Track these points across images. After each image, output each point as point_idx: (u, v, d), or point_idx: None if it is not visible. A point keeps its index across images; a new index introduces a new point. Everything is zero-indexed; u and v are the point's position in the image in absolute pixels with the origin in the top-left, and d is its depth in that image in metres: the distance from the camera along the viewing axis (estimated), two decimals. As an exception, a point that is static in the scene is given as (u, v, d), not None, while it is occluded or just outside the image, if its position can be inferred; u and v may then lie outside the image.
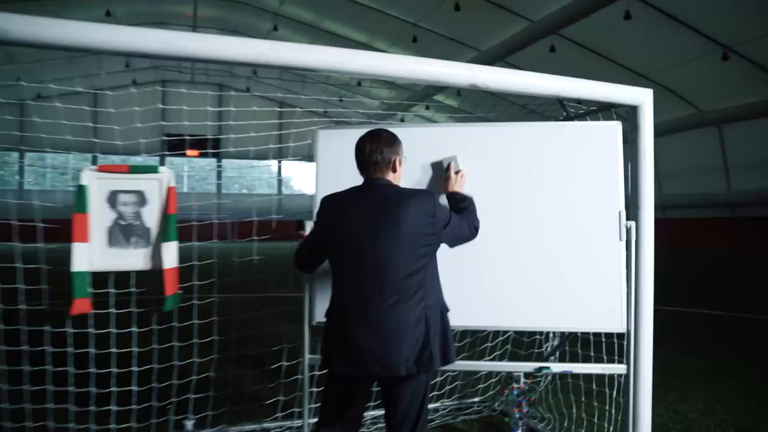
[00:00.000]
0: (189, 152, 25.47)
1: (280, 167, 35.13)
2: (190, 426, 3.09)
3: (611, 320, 2.75)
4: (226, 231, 3.99)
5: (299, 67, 2.40)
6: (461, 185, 2.73)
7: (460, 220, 2.44)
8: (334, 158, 2.95)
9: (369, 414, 3.66)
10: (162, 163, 23.72)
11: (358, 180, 2.41)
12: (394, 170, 2.39)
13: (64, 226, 2.78)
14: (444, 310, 2.35)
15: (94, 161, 31.08)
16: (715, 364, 5.38)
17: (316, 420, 2.42)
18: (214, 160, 30.27)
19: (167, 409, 3.24)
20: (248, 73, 29.65)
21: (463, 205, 2.59)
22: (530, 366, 2.95)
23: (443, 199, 2.72)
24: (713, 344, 6.35)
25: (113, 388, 3.12)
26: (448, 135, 2.97)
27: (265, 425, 3.65)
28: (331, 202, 2.40)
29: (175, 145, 21.68)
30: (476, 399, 4.26)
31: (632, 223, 2.77)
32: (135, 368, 3.15)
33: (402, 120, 29.25)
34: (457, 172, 2.76)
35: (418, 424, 2.28)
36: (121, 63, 27.58)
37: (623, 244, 2.76)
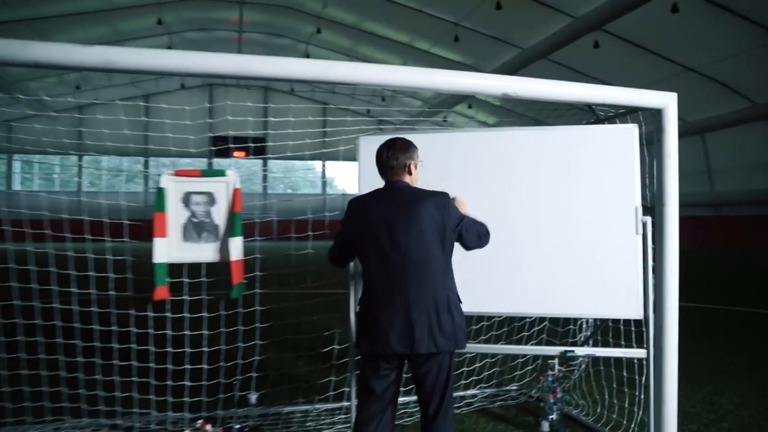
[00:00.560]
0: (236, 154, 26.37)
1: (324, 168, 35.81)
2: (254, 400, 3.51)
3: (629, 308, 3.01)
4: (286, 228, 4.37)
5: (349, 82, 2.76)
6: (463, 210, 2.86)
7: (474, 222, 2.75)
8: (374, 162, 3.29)
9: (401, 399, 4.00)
10: (209, 165, 24.58)
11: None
12: (410, 173, 2.71)
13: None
14: (457, 297, 2.67)
15: (146, 164, 32.58)
16: (754, 361, 5.46)
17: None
18: (260, 160, 31.18)
19: (233, 385, 3.69)
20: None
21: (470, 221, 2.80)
22: (557, 350, 3.22)
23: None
24: (755, 341, 6.40)
25: (187, 366, 3.59)
26: (493, 139, 3.26)
27: (317, 405, 4.05)
28: (356, 204, 2.72)
29: (223, 147, 22.50)
30: (513, 386, 4.54)
31: (648, 218, 3.01)
32: (205, 348, 3.61)
33: (444, 119, 29.43)
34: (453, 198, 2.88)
35: (445, 396, 2.60)
36: (172, 68, 28.77)
37: (639, 237, 3.00)
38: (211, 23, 24.83)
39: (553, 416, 3.81)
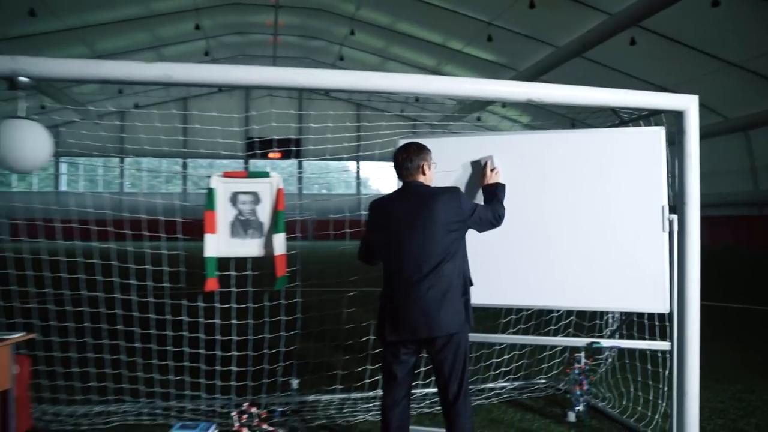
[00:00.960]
0: (271, 155, 27.03)
1: (358, 168, 36.23)
2: (295, 384, 3.79)
3: (656, 301, 3.16)
4: (322, 227, 4.67)
5: (382, 91, 3.03)
6: (495, 180, 3.25)
7: (485, 209, 3.00)
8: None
9: (419, 392, 4.26)
10: (246, 165, 25.11)
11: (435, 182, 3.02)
12: (424, 173, 2.96)
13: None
14: (468, 282, 2.91)
15: (184, 165, 33.52)
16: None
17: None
18: (295, 161, 31.78)
19: (276, 372, 4.00)
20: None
21: (492, 197, 3.15)
22: (584, 341, 3.40)
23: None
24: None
25: (234, 352, 3.91)
26: (527, 141, 3.44)
27: (354, 394, 4.32)
28: (377, 205, 3.00)
29: (259, 148, 23.06)
30: (541, 379, 4.72)
31: (674, 217, 3.16)
32: (250, 337, 3.93)
33: (479, 119, 29.43)
34: (492, 170, 3.29)
35: (463, 380, 2.83)
36: (209, 72, 29.60)
37: (666, 235, 3.16)
38: (247, 27, 25.44)
39: (580, 407, 3.98)
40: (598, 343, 3.32)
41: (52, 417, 3.88)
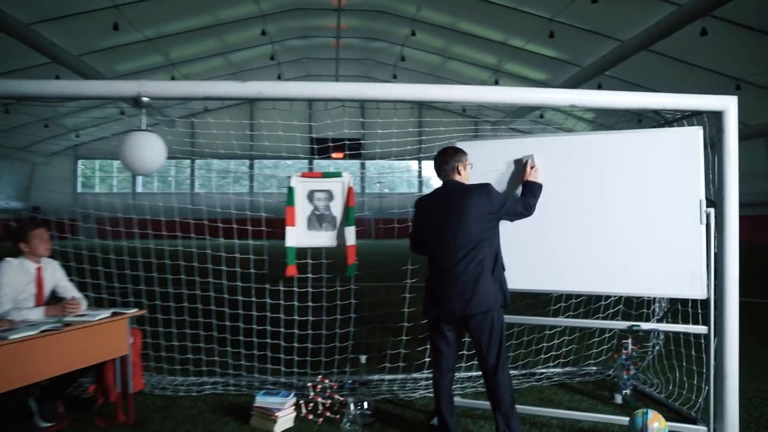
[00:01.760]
0: (334, 155, 27.95)
1: (420, 167, 36.66)
2: (363, 360, 4.31)
3: (693, 288, 3.46)
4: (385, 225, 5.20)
5: (440, 100, 3.49)
6: (534, 177, 3.65)
7: (515, 201, 3.44)
8: (474, 166, 3.94)
9: (464, 374, 4.70)
10: (310, 165, 26.08)
11: (483, 178, 3.56)
12: (459, 173, 3.44)
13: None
14: (501, 266, 3.34)
15: (251, 166, 35.01)
16: None
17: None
18: (358, 161, 32.63)
19: (346, 348, 4.55)
20: (389, 77, 31.59)
21: (527, 191, 3.57)
22: (626, 324, 3.73)
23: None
24: None
25: (309, 331, 4.49)
26: (580, 142, 3.81)
27: (415, 375, 4.80)
28: (420, 202, 3.53)
29: (322, 149, 23.94)
30: (591, 364, 5.03)
31: (711, 210, 3.45)
32: (324, 317, 4.50)
33: (541, 116, 29.20)
34: (532, 167, 3.68)
35: (500, 352, 3.25)
36: (275, 74, 30.92)
37: (703, 227, 3.45)
38: (311, 31, 26.36)
39: (626, 391, 4.30)
40: (638, 326, 3.65)
41: (156, 383, 4.58)
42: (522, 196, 3.58)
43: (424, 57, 27.18)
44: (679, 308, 4.15)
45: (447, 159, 3.46)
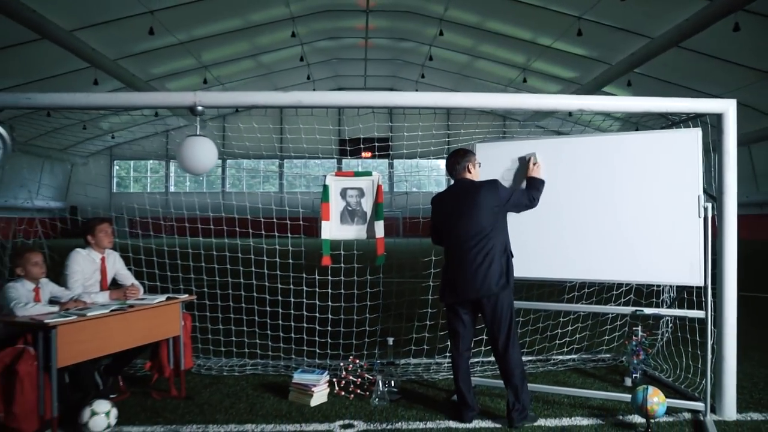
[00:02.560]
0: (363, 154, 28.52)
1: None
2: (390, 342, 4.76)
3: (692, 276, 3.82)
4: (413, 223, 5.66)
5: (462, 107, 3.93)
6: (536, 172, 4.08)
7: (520, 194, 3.87)
8: (490, 164, 4.37)
9: (483, 359, 5.11)
10: (339, 164, 26.69)
11: (501, 178, 4.02)
12: (470, 171, 3.88)
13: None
14: (509, 255, 3.77)
15: (281, 166, 35.78)
16: None
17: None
18: (386, 160, 33.12)
19: (375, 332, 5.03)
20: (416, 76, 31.99)
21: (532, 185, 3.99)
22: (630, 309, 4.11)
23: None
24: None
25: (342, 316, 4.99)
26: (593, 143, 4.19)
27: (438, 360, 5.24)
28: (436, 199, 3.99)
29: (351, 148, 24.44)
30: (604, 351, 5.39)
31: (708, 204, 3.80)
32: (355, 303, 4.99)
33: (570, 114, 29.18)
34: (534, 164, 4.09)
35: (510, 332, 3.70)
36: (304, 75, 31.61)
37: (701, 220, 3.80)
38: (340, 32, 26.92)
39: (636, 375, 4.66)
40: (642, 310, 4.02)
41: (203, 364, 5.12)
42: (527, 189, 4.01)
43: (452, 56, 27.50)
44: (685, 297, 4.49)
45: (458, 159, 3.92)
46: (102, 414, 3.62)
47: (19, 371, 3.29)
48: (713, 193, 4.02)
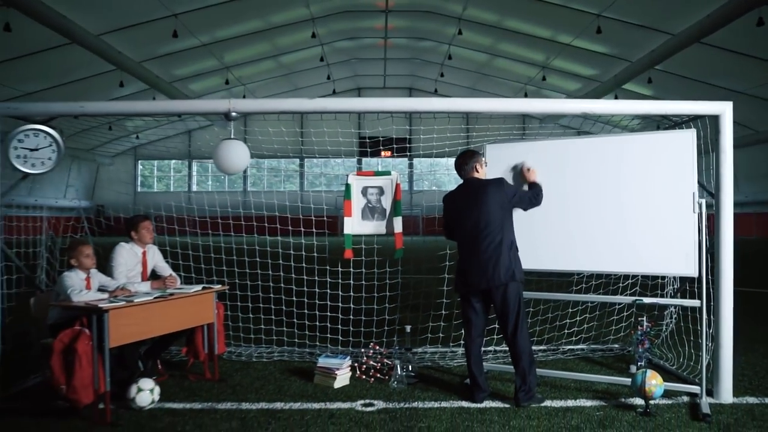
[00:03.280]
0: (383, 154, 28.98)
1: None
2: (408, 329, 5.13)
3: (687, 267, 4.13)
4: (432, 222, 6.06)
5: (477, 110, 4.29)
6: (533, 176, 4.45)
7: (524, 193, 4.26)
8: (500, 164, 4.71)
9: (491, 347, 5.47)
10: (359, 164, 27.10)
11: (507, 176, 4.36)
12: (477, 171, 4.26)
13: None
14: (515, 248, 4.12)
15: (301, 165, 36.31)
16: None
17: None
18: (405, 159, 33.52)
19: (394, 321, 5.41)
20: (436, 75, 32.28)
21: (533, 187, 4.38)
22: (631, 299, 4.43)
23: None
24: None
25: (363, 305, 5.39)
26: (598, 144, 4.54)
27: (454, 348, 5.59)
28: (448, 197, 4.38)
29: (372, 148, 24.84)
30: (611, 341, 5.69)
31: (703, 200, 4.10)
32: (375, 294, 5.38)
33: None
34: (528, 170, 4.46)
35: (518, 318, 4.05)
36: (324, 75, 32.09)
37: (696, 215, 4.11)
38: (359, 32, 27.36)
39: (641, 363, 4.94)
40: (641, 300, 4.34)
41: (233, 351, 5.55)
42: (529, 189, 4.41)
43: (472, 55, 27.74)
44: (687, 288, 4.78)
45: (467, 160, 4.31)
46: (147, 390, 4.05)
47: (77, 349, 3.74)
48: (711, 189, 4.32)
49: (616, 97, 26.60)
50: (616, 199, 4.40)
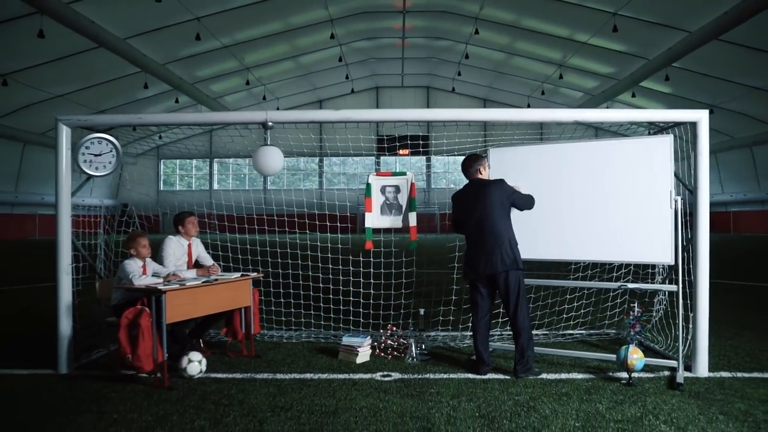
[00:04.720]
0: (401, 152, 29.65)
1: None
2: (422, 312, 5.81)
3: (663, 256, 4.78)
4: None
5: (491, 120, 4.97)
6: (523, 189, 5.06)
7: (520, 196, 4.91)
8: (503, 167, 5.39)
9: (497, 330, 6.13)
10: (377, 162, 27.84)
11: (511, 180, 5.02)
12: (481, 173, 4.95)
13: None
14: (515, 241, 4.78)
15: (321, 164, 37.02)
16: None
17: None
18: (423, 157, 34.16)
19: (409, 304, 6.14)
20: (453, 74, 32.82)
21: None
22: (617, 284, 5.09)
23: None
24: None
25: (381, 291, 6.11)
26: (584, 148, 5.21)
27: (465, 332, 6.28)
28: (456, 196, 5.08)
29: (389, 147, 25.52)
30: (607, 327, 6.33)
31: (678, 198, 4.74)
32: (393, 281, 6.10)
33: (607, 108, 29.54)
34: (515, 186, 5.06)
35: (519, 299, 4.73)
36: (342, 75, 32.82)
37: (672, 210, 4.75)
38: (377, 32, 28.05)
39: (633, 344, 5.59)
40: (626, 285, 5.00)
41: (266, 332, 6.31)
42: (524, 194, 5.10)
43: (489, 54, 28.28)
44: (674, 276, 5.41)
45: (472, 163, 5.01)
46: (196, 362, 4.81)
47: (141, 324, 4.51)
48: (691, 187, 4.95)
49: (633, 96, 27.01)
50: (603, 196, 5.07)
